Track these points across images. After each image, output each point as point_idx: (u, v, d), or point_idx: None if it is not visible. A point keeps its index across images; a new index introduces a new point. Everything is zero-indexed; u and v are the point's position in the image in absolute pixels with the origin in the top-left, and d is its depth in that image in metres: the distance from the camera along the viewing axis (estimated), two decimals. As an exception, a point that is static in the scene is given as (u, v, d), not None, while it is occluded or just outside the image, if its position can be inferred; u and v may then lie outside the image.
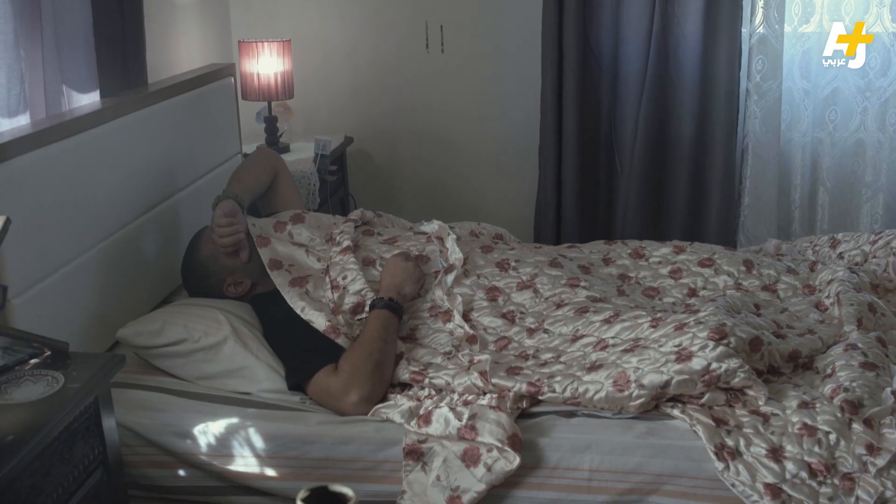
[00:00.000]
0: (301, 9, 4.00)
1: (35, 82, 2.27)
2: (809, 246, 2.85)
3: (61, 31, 2.37)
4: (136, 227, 2.50)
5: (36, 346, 1.82)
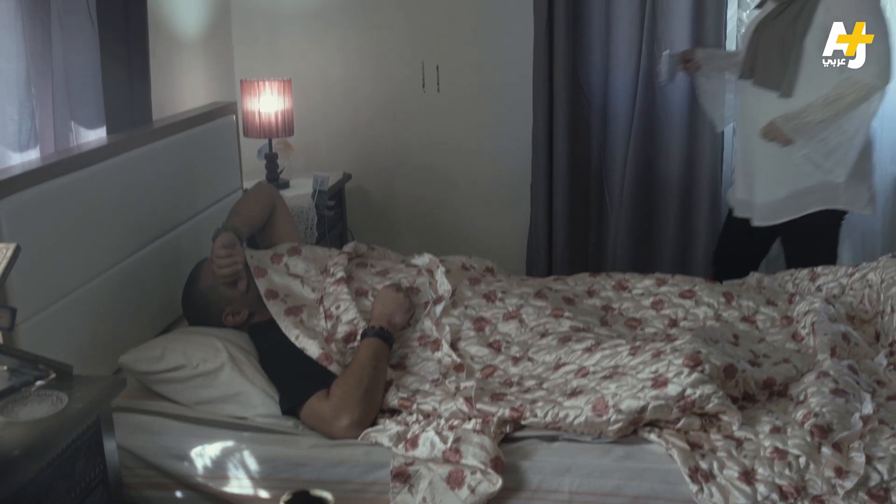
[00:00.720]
0: (302, 49, 4.12)
1: (45, 118, 2.38)
2: (790, 279, 2.93)
3: (71, 70, 2.48)
4: (140, 257, 2.60)
5: (42, 367, 1.90)
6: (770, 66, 2.94)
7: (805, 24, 2.86)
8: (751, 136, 3.06)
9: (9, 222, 1.99)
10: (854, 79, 2.81)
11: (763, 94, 2.98)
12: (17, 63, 2.20)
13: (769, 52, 2.94)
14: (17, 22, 2.19)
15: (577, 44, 3.78)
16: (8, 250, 1.78)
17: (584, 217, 3.97)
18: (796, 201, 3.00)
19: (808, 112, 2.85)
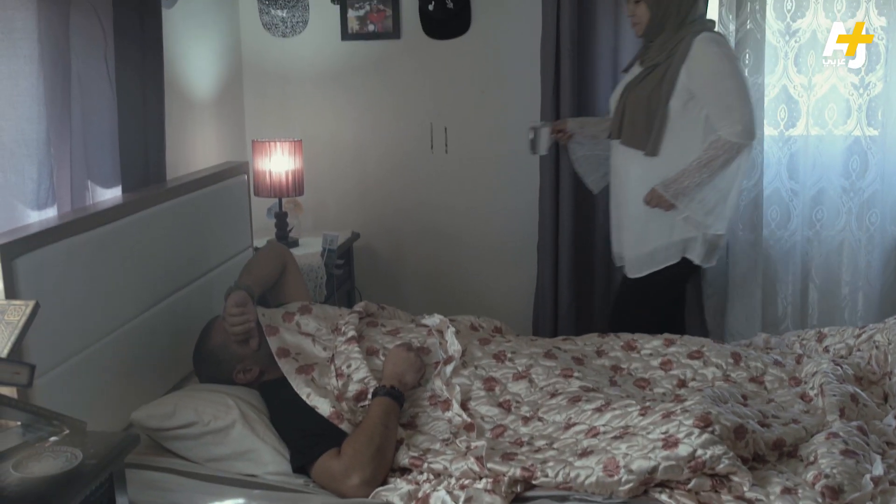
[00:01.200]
0: (312, 110, 4.19)
1: (62, 177, 2.42)
2: (797, 339, 2.94)
3: (89, 130, 2.54)
4: (151, 315, 2.62)
5: (56, 423, 1.92)
6: (637, 126, 3.08)
7: (669, 87, 3.02)
8: (620, 192, 3.24)
9: (26, 279, 2.02)
10: (722, 140, 2.99)
11: (631, 152, 3.12)
12: (38, 124, 2.25)
13: (636, 113, 3.08)
14: (39, 84, 2.24)
15: (582, 108, 3.84)
16: (27, 307, 1.81)
17: (589, 277, 4.00)
18: (659, 255, 3.15)
19: (685, 176, 3.02)
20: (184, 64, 3.47)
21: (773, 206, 3.90)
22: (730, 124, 2.97)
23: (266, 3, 4.06)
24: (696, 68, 2.99)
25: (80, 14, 2.44)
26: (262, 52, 4.18)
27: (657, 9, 3.05)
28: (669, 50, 3.03)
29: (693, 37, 3.01)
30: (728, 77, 3.00)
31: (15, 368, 1.68)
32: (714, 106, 3.01)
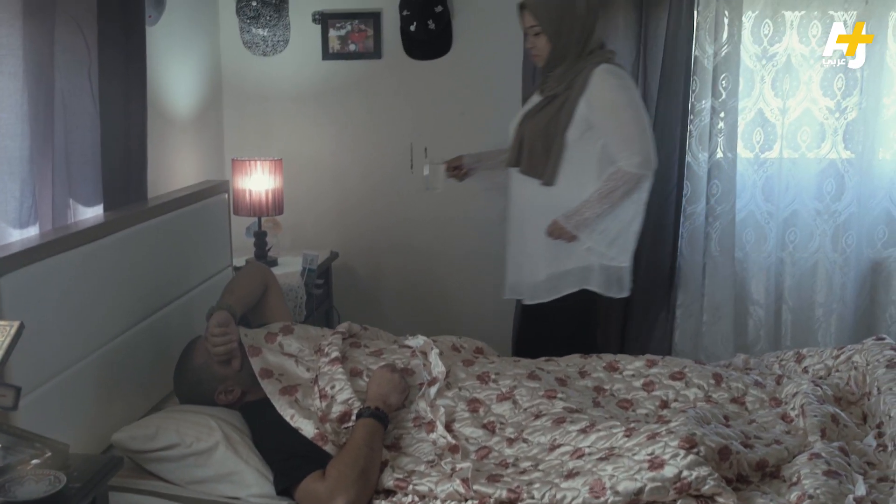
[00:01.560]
0: (292, 129, 4.19)
1: (44, 195, 2.40)
2: (776, 360, 2.97)
3: (72, 148, 2.52)
4: (132, 335, 2.60)
5: (38, 446, 1.89)
6: (534, 156, 3.08)
7: (567, 117, 3.02)
8: (518, 220, 3.22)
9: (10, 298, 2.00)
10: (621, 171, 2.99)
11: (529, 181, 3.12)
12: (22, 142, 2.23)
13: (534, 142, 3.08)
14: (23, 101, 2.22)
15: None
16: (12, 328, 1.79)
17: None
18: (555, 283, 3.14)
19: (586, 208, 3.01)
20: (164, 81, 3.46)
21: (749, 228, 3.95)
22: (629, 155, 2.97)
23: (247, 22, 4.06)
24: (594, 99, 2.98)
25: (64, 30, 2.42)
26: (243, 70, 4.18)
27: (557, 41, 3.03)
28: (569, 81, 3.02)
29: (592, 68, 3.00)
30: (626, 108, 3.00)
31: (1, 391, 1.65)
32: (613, 137, 3.00)
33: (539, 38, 3.07)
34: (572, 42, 3.03)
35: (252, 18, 4.04)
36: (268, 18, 4.04)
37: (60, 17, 2.40)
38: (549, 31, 3.03)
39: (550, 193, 3.06)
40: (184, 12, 3.67)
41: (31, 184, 2.28)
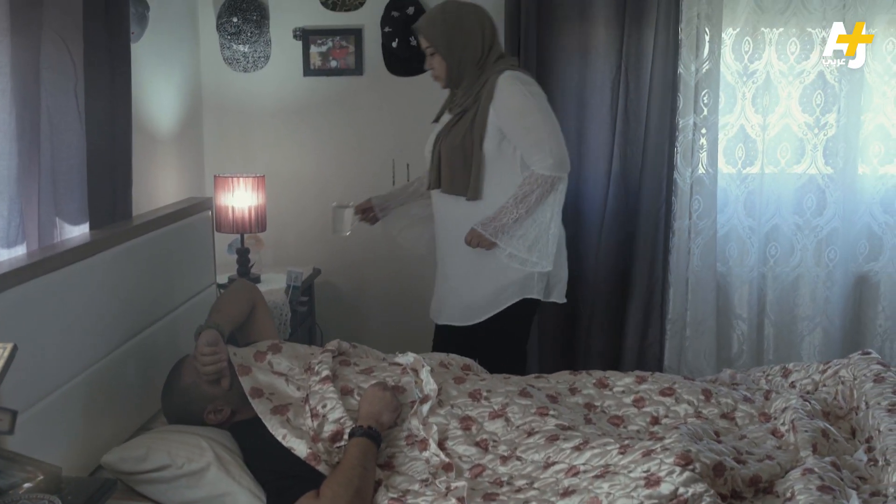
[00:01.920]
0: (274, 146, 4.18)
1: (30, 214, 2.36)
2: (762, 375, 2.98)
3: (58, 166, 2.48)
4: (119, 354, 2.57)
5: (30, 469, 1.86)
6: (455, 173, 3.09)
7: (481, 129, 3.04)
8: (446, 241, 3.21)
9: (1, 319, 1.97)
10: (535, 174, 3.02)
11: (452, 199, 3.13)
12: (10, 160, 2.20)
13: (452, 160, 3.09)
14: (11, 119, 2.19)
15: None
16: (5, 350, 1.76)
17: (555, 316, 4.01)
18: (496, 297, 3.13)
19: (503, 214, 3.02)
20: (145, 98, 3.43)
21: (731, 242, 3.98)
22: (541, 159, 2.99)
23: (228, 38, 4.04)
24: (501, 107, 3.01)
25: (50, 47, 2.39)
26: (223, 86, 4.16)
27: (451, 59, 3.07)
28: (476, 93, 3.05)
29: (496, 76, 3.03)
30: (534, 112, 3.02)
31: (-4, 414, 1.63)
32: (524, 142, 3.03)
33: (434, 57, 3.11)
34: (468, 57, 3.07)
35: (233, 34, 4.02)
36: (249, 34, 4.02)
37: (46, 34, 2.37)
38: (441, 49, 3.07)
39: (476, 208, 3.06)
40: (165, 28, 3.64)
41: (18, 202, 2.25)
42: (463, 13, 3.09)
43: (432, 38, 3.08)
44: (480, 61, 3.07)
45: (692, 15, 3.77)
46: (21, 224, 2.27)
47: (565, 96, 3.87)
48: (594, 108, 3.86)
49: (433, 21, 3.10)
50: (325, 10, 4.08)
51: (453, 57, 3.07)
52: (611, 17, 3.79)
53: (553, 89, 3.85)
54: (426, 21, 3.12)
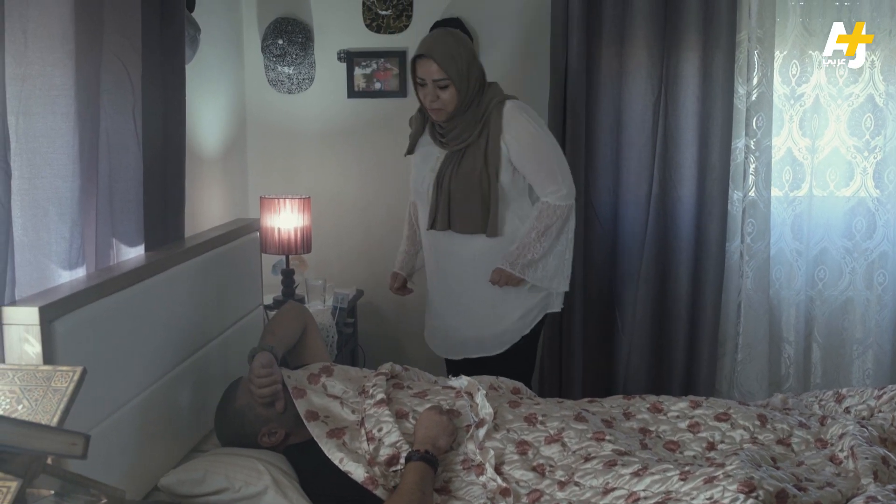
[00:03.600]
0: (318, 168, 4.19)
1: (88, 236, 2.37)
2: (815, 400, 2.94)
3: (115, 188, 2.50)
4: (173, 376, 2.57)
5: (94, 492, 1.86)
6: (472, 211, 3.02)
7: (495, 163, 2.97)
8: (459, 277, 3.16)
9: (64, 342, 1.98)
10: (551, 206, 3.01)
11: (464, 238, 3.07)
12: (72, 182, 2.21)
13: (468, 198, 3.00)
14: (74, 142, 2.20)
15: (589, 168, 3.87)
16: (75, 374, 1.76)
17: (595, 338, 4.00)
18: (523, 320, 3.15)
19: (527, 250, 3.02)
20: (194, 120, 3.45)
21: (778, 265, 3.95)
22: (555, 189, 2.99)
23: (273, 60, 4.06)
24: (513, 140, 2.96)
25: (110, 69, 2.41)
26: (268, 108, 4.18)
27: (466, 92, 2.95)
28: (479, 126, 2.97)
29: (500, 107, 2.97)
30: (545, 143, 3.00)
31: (70, 439, 1.62)
32: (537, 174, 3.00)
33: (446, 90, 2.94)
34: (474, 87, 2.98)
35: (278, 56, 4.04)
36: (293, 56, 4.04)
37: (107, 56, 2.39)
38: (458, 81, 2.93)
39: (494, 242, 3.03)
40: (212, 51, 3.67)
41: (80, 224, 2.26)
42: (469, 43, 3.01)
43: (451, 70, 2.92)
44: (479, 90, 3.00)
45: (742, 38, 3.75)
46: (81, 246, 2.28)
47: (606, 118, 3.86)
48: (634, 130, 3.85)
49: (451, 52, 2.92)
50: (370, 32, 4.09)
51: (469, 89, 2.96)
52: (652, 41, 3.78)
53: (595, 111, 3.86)
54: (442, 52, 2.92)
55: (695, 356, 3.97)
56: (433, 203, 3.08)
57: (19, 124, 2.05)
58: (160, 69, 2.71)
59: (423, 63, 2.93)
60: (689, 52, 3.75)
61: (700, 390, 3.82)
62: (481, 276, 3.08)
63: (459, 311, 3.21)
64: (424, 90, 2.98)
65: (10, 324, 1.92)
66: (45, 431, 1.59)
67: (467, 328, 3.20)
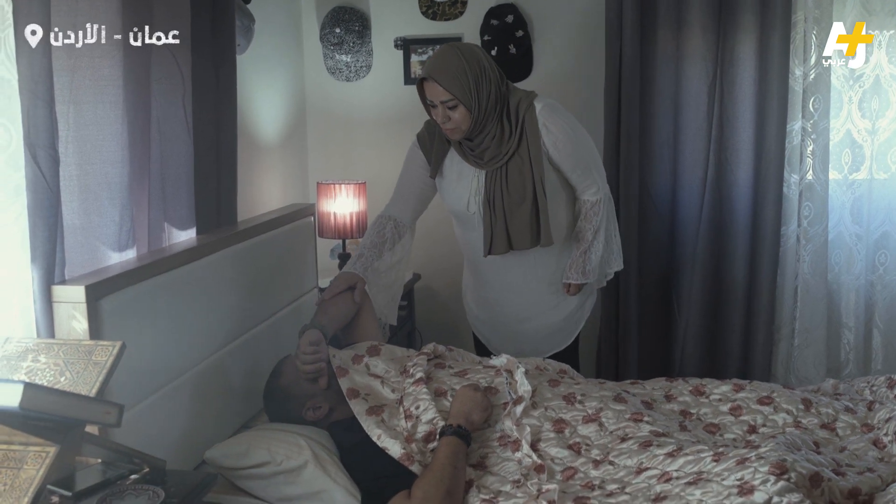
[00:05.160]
0: (375, 154, 4.26)
1: (140, 219, 2.48)
2: (867, 386, 2.90)
3: (167, 174, 2.60)
4: (223, 354, 2.67)
5: (136, 461, 1.96)
6: (531, 227, 2.88)
7: (539, 169, 2.84)
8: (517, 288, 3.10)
9: (110, 319, 2.08)
10: (594, 204, 2.98)
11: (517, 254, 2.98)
12: (122, 168, 2.31)
13: (523, 216, 2.87)
14: (123, 129, 2.31)
15: (645, 152, 3.86)
16: (114, 348, 1.86)
17: (651, 322, 3.99)
18: (582, 307, 3.17)
19: (590, 253, 3.00)
20: (252, 107, 3.55)
21: (837, 249, 3.88)
22: (592, 183, 2.95)
23: (331, 49, 4.14)
24: (554, 141, 2.84)
25: (160, 60, 2.51)
26: (326, 96, 4.26)
27: (478, 109, 2.76)
28: (518, 134, 2.82)
29: (530, 110, 2.83)
30: (580, 139, 2.91)
31: (105, 408, 1.72)
32: (577, 171, 2.92)
33: (456, 110, 2.75)
34: (491, 101, 2.79)
35: (335, 45, 4.12)
36: (351, 45, 4.12)
37: (156, 47, 2.48)
38: (466, 100, 2.74)
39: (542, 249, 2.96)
40: (270, 41, 3.76)
41: (129, 208, 2.36)
42: (477, 54, 2.80)
43: (455, 90, 2.72)
44: (500, 101, 2.83)
45: (798, 18, 3.69)
46: (132, 229, 2.38)
47: (661, 102, 3.84)
48: (690, 114, 3.82)
49: (454, 71, 2.72)
50: (426, 19, 4.14)
51: (480, 106, 2.76)
52: (707, 23, 3.73)
53: (650, 95, 3.83)
54: (445, 72, 2.73)
55: (750, 341, 3.92)
56: (488, 228, 2.93)
57: (70, 113, 2.15)
58: (211, 59, 2.80)
59: (429, 85, 2.78)
60: (744, 33, 3.70)
61: (756, 375, 3.78)
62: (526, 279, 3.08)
63: (515, 318, 3.18)
64: (435, 111, 2.83)
65: (59, 301, 2.03)
66: (83, 401, 1.69)
67: (529, 332, 3.18)
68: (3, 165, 1.97)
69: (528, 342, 3.17)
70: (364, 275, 2.92)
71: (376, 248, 3.03)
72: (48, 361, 1.84)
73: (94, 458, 1.98)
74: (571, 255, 3.04)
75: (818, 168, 3.76)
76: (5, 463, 1.62)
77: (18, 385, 1.54)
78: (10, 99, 1.95)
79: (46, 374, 1.82)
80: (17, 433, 1.64)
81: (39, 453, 1.61)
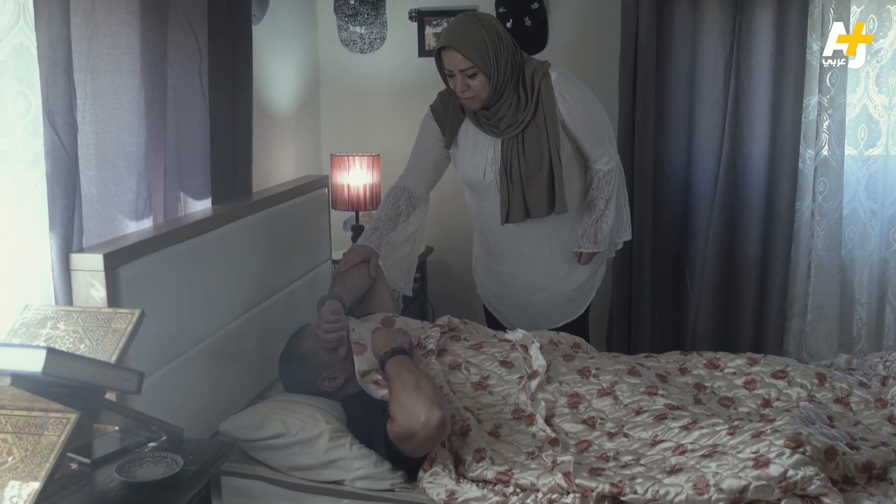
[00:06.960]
0: (389, 126, 4.25)
1: (157, 188, 2.49)
2: (880, 361, 2.89)
3: (183, 144, 2.60)
4: (239, 324, 2.68)
5: (154, 429, 1.97)
6: (547, 195, 2.90)
7: (555, 138, 2.85)
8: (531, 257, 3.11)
9: (129, 287, 2.09)
10: (606, 173, 2.98)
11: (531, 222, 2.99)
12: (138, 137, 2.31)
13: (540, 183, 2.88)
14: (140, 98, 2.30)
15: (660, 125, 3.84)
16: (133, 315, 1.87)
17: (664, 295, 3.99)
18: (594, 276, 3.20)
19: (601, 222, 3.01)
20: (266, 78, 3.54)
21: (851, 225, 3.87)
22: (604, 152, 2.95)
23: (345, 20, 4.12)
24: (569, 111, 2.85)
25: (177, 30, 2.50)
26: (340, 67, 4.25)
27: (497, 76, 2.78)
28: (534, 102, 2.83)
29: (546, 79, 2.83)
30: (593, 109, 2.91)
31: (125, 375, 1.73)
32: (591, 141, 2.93)
33: (476, 78, 2.77)
34: (508, 69, 2.80)
35: (350, 17, 4.11)
36: (365, 16, 4.10)
37: (173, 17, 2.48)
38: (486, 68, 2.75)
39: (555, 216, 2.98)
40: (284, 11, 3.75)
41: (146, 178, 2.36)
42: (493, 23, 2.82)
43: (475, 57, 2.74)
44: (516, 69, 2.84)
45: (816, -8, 3.66)
46: (148, 198, 2.39)
47: (677, 76, 3.81)
48: (706, 87, 3.79)
49: (473, 39, 2.75)
50: (441, -9, 4.12)
51: (499, 74, 2.78)
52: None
53: (667, 69, 3.81)
54: (464, 40, 2.75)
55: (763, 315, 3.92)
56: (505, 196, 2.94)
57: (87, 81, 2.15)
58: (228, 29, 2.79)
59: (447, 54, 2.80)
60: (762, 7, 3.66)
61: (768, 350, 3.78)
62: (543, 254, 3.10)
63: (527, 288, 3.18)
64: (454, 80, 2.85)
65: (77, 269, 2.04)
66: (103, 368, 1.70)
67: (544, 302, 3.19)
68: (23, 133, 1.97)
69: (541, 313, 3.18)
70: (378, 249, 2.95)
71: (391, 221, 3.05)
72: (67, 329, 1.85)
73: (111, 425, 1.99)
74: (583, 223, 3.04)
75: (834, 143, 3.74)
76: (26, 429, 1.62)
77: (41, 351, 1.55)
78: (28, 66, 1.95)
79: (66, 342, 1.83)
80: (38, 399, 1.65)
81: (60, 419, 1.62)
